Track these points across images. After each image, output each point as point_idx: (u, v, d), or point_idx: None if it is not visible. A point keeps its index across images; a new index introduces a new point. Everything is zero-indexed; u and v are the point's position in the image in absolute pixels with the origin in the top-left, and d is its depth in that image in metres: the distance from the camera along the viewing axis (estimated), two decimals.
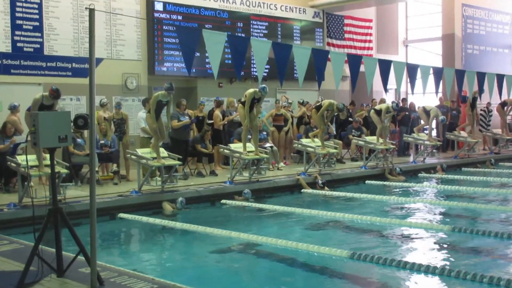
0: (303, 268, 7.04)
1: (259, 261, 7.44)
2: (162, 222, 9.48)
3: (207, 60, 14.41)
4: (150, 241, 8.78)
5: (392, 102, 16.02)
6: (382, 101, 18.25)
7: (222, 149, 12.84)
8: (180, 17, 15.79)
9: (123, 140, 12.94)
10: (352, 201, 11.45)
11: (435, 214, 10.37)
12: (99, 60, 13.96)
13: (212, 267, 7.13)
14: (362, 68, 12.48)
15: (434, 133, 19.79)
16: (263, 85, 12.29)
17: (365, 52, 21.47)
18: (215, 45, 9.83)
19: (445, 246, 8.08)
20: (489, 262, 7.20)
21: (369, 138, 15.60)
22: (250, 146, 12.49)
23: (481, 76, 15.75)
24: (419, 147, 17.28)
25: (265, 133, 14.67)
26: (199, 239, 8.48)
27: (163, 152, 11.28)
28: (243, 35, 16.46)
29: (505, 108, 20.12)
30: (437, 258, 7.34)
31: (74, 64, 13.94)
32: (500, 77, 16.45)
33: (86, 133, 12.12)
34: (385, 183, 13.69)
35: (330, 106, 13.92)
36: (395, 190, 12.91)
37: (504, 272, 6.59)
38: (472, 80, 15.46)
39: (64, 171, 9.70)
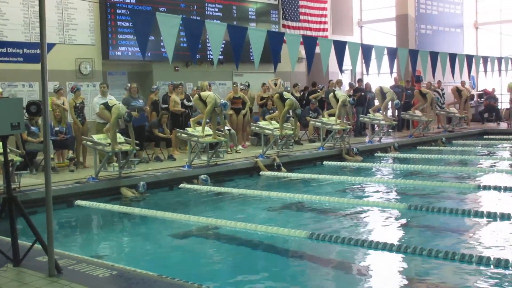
0: (263, 250, 7.09)
1: (219, 244, 7.45)
2: (121, 208, 9.40)
3: (162, 44, 14.24)
4: (109, 227, 8.72)
5: (349, 96, 16.17)
6: (339, 82, 18.42)
7: (179, 133, 12.77)
8: (133, 0, 15.54)
9: (84, 125, 12.73)
10: (310, 182, 11.56)
11: (391, 192, 10.54)
12: (51, 45, 13.64)
13: (172, 252, 7.13)
14: (317, 49, 12.54)
15: (389, 113, 20.09)
16: (225, 102, 12.28)
17: (321, 33, 21.52)
18: (169, 28, 9.75)
19: (402, 223, 8.24)
20: (444, 237, 7.37)
21: (325, 119, 15.72)
22: (208, 130, 12.46)
23: (434, 56, 16.02)
24: (375, 127, 17.50)
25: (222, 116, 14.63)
26: (158, 224, 8.45)
27: (120, 137, 11.15)
28: (197, 18, 16.32)
29: (461, 96, 20.47)
30: (394, 236, 7.48)
31: (25, 50, 13.60)
32: (453, 56, 16.76)
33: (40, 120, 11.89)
34: (342, 163, 13.84)
35: (291, 107, 13.75)
36: (352, 170, 13.06)
37: (458, 246, 6.76)
38: (425, 60, 15.70)
39: (17, 159, 9.50)
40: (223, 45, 12.49)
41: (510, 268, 5.78)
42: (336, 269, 6.38)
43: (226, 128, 14.20)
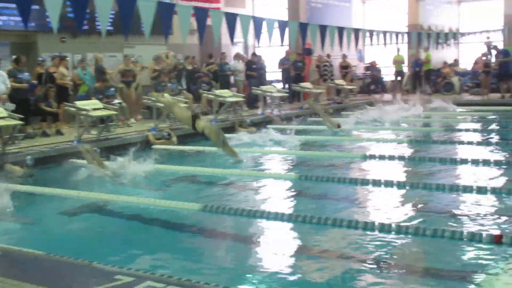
0: (156, 224, 7.02)
1: (111, 220, 7.33)
2: (6, 186, 8.97)
3: (47, 14, 13.59)
4: None
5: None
6: (239, 56, 18.59)
7: (67, 107, 12.32)
8: None
9: None
10: (203, 155, 11.54)
11: (283, 163, 10.75)
12: None
13: (62, 230, 6.92)
14: (209, 21, 12.46)
15: (280, 85, 20.42)
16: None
17: (213, 5, 21.40)
18: None
19: (293, 193, 8.40)
20: (333, 205, 7.63)
21: (218, 92, 15.70)
22: (97, 103, 12.10)
23: (323, 29, 16.35)
24: (267, 99, 17.72)
25: (113, 89, 14.27)
26: (47, 201, 8.17)
27: (2, 112, 10.60)
28: None
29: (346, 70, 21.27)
30: (286, 205, 7.64)
31: None
32: (341, 30, 17.17)
33: None
34: (235, 135, 13.90)
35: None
36: (245, 142, 13.14)
37: (345, 213, 7.02)
38: (315, 33, 16.00)
39: None
40: (112, 16, 12.11)
41: (392, 233, 6.08)
42: (230, 240, 6.45)
43: (116, 101, 13.88)
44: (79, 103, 12.14)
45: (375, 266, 5.27)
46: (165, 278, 4.47)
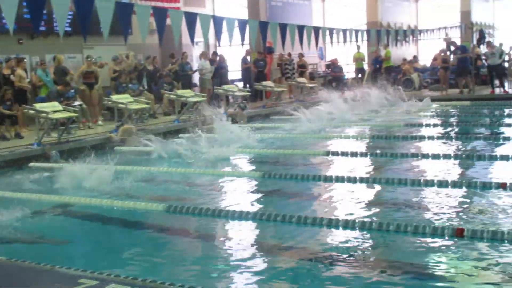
0: (120, 225, 6.97)
1: (74, 223, 7.24)
2: None
3: (2, 15, 13.32)
4: None
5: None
6: (205, 55, 18.57)
7: (26, 110, 12.11)
8: None
9: None
10: (168, 155, 11.41)
11: (247, 161, 10.74)
12: None
13: (23, 233, 6.78)
14: (169, 21, 12.39)
15: (241, 84, 20.44)
16: None
17: (172, 5, 21.26)
18: None
19: (257, 191, 8.40)
20: (297, 203, 7.66)
21: (180, 92, 15.63)
22: (57, 105, 11.93)
23: (283, 28, 16.38)
24: (229, 98, 17.70)
25: (73, 91, 14.06)
26: (7, 205, 7.98)
27: None
28: None
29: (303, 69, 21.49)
30: (250, 204, 7.63)
31: None
32: (301, 28, 17.24)
33: None
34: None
35: None
36: (208, 141, 13.06)
37: (309, 211, 7.06)
38: (275, 32, 16.03)
39: None
40: (70, 16, 11.92)
41: (356, 229, 6.14)
42: (194, 240, 6.41)
43: (77, 103, 13.69)
44: (38, 105, 11.95)
45: (340, 262, 5.31)
46: (129, 280, 4.43)
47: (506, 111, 16.49)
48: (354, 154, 10.55)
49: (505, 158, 9.47)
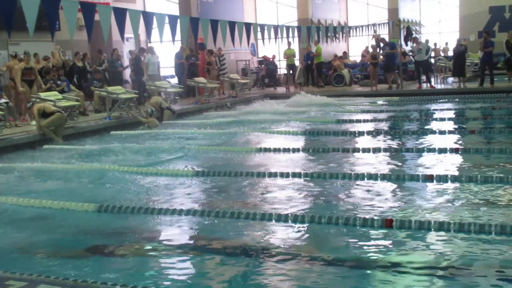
0: (49, 225, 6.78)
1: (3, 223, 6.98)
2: None
3: None
4: None
5: None
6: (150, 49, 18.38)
7: None
8: None
9: None
10: (97, 154, 11.22)
11: (178, 159, 10.60)
12: None
13: None
14: (97, 17, 12.15)
15: (175, 80, 20.32)
16: None
17: (101, 0, 20.87)
18: None
19: (190, 189, 8.34)
20: (231, 198, 7.66)
21: (111, 89, 15.37)
22: None
23: (214, 24, 16.33)
24: (161, 94, 17.55)
25: None
26: None
27: None
28: None
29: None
30: (183, 201, 7.58)
31: None
32: (232, 25, 17.23)
33: None
34: (130, 132, 13.64)
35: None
36: (141, 139, 12.93)
37: (243, 206, 7.08)
38: (206, 28, 15.96)
39: None
40: None
41: (289, 222, 6.22)
42: (126, 239, 6.31)
43: (3, 101, 13.26)
44: None
45: (273, 255, 5.36)
46: (60, 281, 4.34)
47: (433, 105, 17.05)
48: (286, 150, 10.65)
49: (431, 151, 9.80)
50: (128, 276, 5.02)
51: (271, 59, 25.62)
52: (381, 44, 21.47)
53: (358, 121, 14.20)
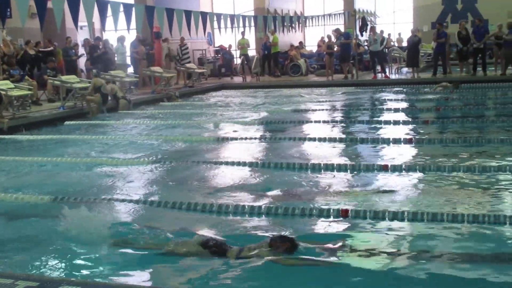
0: (2, 218, 6.64)
1: None
2: None
3: None
4: None
5: None
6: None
7: None
8: None
9: None
10: (53, 144, 11.03)
11: (137, 149, 10.49)
12: None
13: None
14: (50, 4, 11.90)
15: (131, 69, 20.10)
16: None
17: None
18: None
19: (149, 179, 8.26)
20: (187, 189, 7.62)
21: (65, 78, 15.11)
22: None
23: (170, 13, 16.18)
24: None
25: None
26: None
27: None
28: None
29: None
30: (141, 191, 7.52)
31: None
32: (188, 14, 17.10)
33: None
34: (84, 122, 13.45)
35: None
36: (96, 129, 12.77)
37: (199, 197, 7.04)
38: (162, 17, 15.82)
39: None
40: None
41: (246, 214, 6.23)
42: (81, 230, 6.21)
43: None
44: None
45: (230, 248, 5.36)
46: (13, 274, 4.25)
47: (387, 95, 17.29)
48: (243, 139, 10.67)
49: (386, 141, 9.94)
50: (81, 269, 4.97)
51: (227, 49, 25.55)
52: (337, 34, 21.64)
53: (314, 111, 14.30)
